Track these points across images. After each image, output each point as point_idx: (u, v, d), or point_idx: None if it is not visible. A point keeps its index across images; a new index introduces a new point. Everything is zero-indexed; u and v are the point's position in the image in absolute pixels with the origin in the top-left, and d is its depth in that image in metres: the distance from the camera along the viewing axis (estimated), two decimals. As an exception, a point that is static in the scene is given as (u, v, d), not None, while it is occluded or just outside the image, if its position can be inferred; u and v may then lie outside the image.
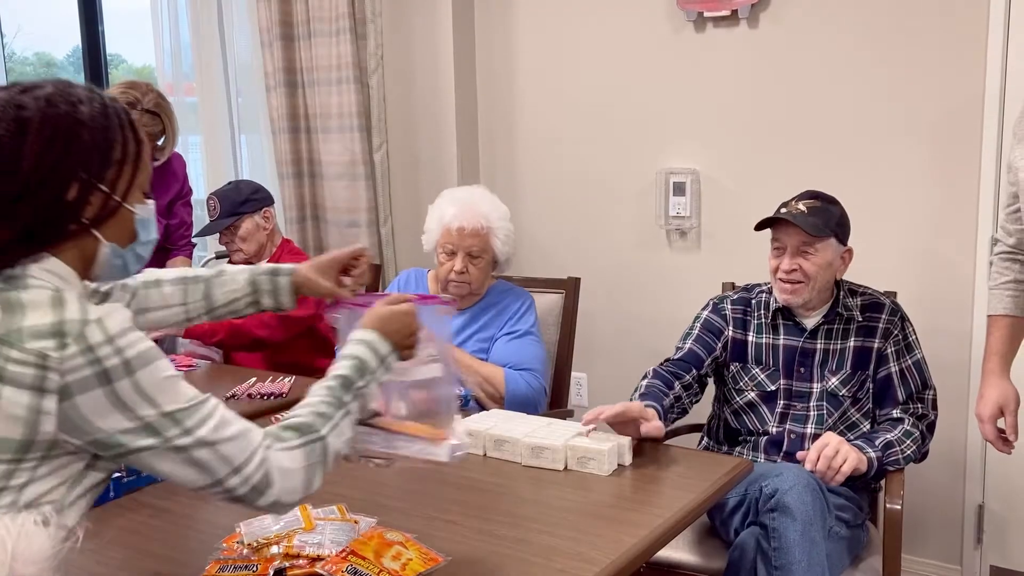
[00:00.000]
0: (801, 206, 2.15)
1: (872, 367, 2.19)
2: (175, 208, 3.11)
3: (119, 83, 2.90)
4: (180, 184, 3.11)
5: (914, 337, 2.23)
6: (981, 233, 2.61)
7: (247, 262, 2.97)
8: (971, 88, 2.58)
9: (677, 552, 2.10)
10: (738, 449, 2.25)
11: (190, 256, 3.17)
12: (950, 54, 2.60)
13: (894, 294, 2.38)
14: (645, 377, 2.22)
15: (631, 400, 2.11)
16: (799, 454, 1.99)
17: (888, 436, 2.10)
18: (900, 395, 2.18)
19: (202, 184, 3.71)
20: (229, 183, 3.08)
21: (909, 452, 2.10)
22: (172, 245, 3.12)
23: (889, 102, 2.71)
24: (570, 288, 2.76)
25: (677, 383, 2.20)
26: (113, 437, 1.07)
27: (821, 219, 2.14)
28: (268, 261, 2.97)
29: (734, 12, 2.87)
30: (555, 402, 2.69)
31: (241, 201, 2.93)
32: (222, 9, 3.67)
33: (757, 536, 1.89)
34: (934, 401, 2.22)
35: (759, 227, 2.19)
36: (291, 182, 3.49)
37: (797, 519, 1.81)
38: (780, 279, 2.19)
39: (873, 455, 2.03)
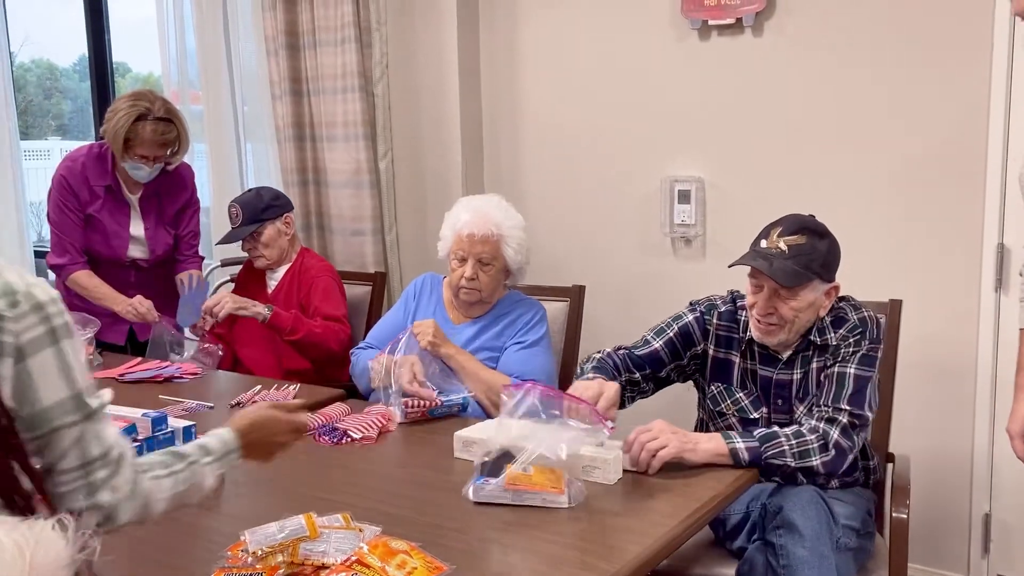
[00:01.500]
0: (782, 244, 1.97)
1: None
2: (183, 217, 3.10)
3: (124, 96, 2.90)
4: (189, 193, 3.11)
5: (866, 353, 2.00)
6: (986, 242, 2.60)
7: (268, 267, 3.00)
8: (976, 96, 2.58)
9: (682, 561, 2.10)
10: None
11: (199, 267, 3.18)
12: (955, 63, 2.60)
13: (900, 303, 2.37)
14: (598, 353, 2.16)
15: (584, 371, 2.10)
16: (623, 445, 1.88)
17: (775, 429, 1.94)
18: (814, 397, 2.02)
19: (208, 192, 3.72)
20: (249, 190, 3.08)
21: (801, 450, 1.91)
22: (181, 256, 3.12)
23: (894, 110, 2.71)
24: (575, 296, 2.76)
25: (624, 375, 2.12)
26: (49, 411, 1.13)
27: (802, 262, 1.95)
28: (289, 267, 3.00)
29: (738, 20, 2.87)
30: (560, 410, 2.68)
31: (263, 208, 2.95)
32: (228, 18, 3.69)
33: (765, 552, 1.87)
34: (853, 413, 1.96)
35: (733, 266, 2.03)
36: (296, 190, 3.50)
37: (804, 535, 1.79)
38: (756, 318, 2.04)
39: (739, 445, 1.88)
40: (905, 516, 2.00)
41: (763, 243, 2.02)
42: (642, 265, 3.18)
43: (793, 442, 1.92)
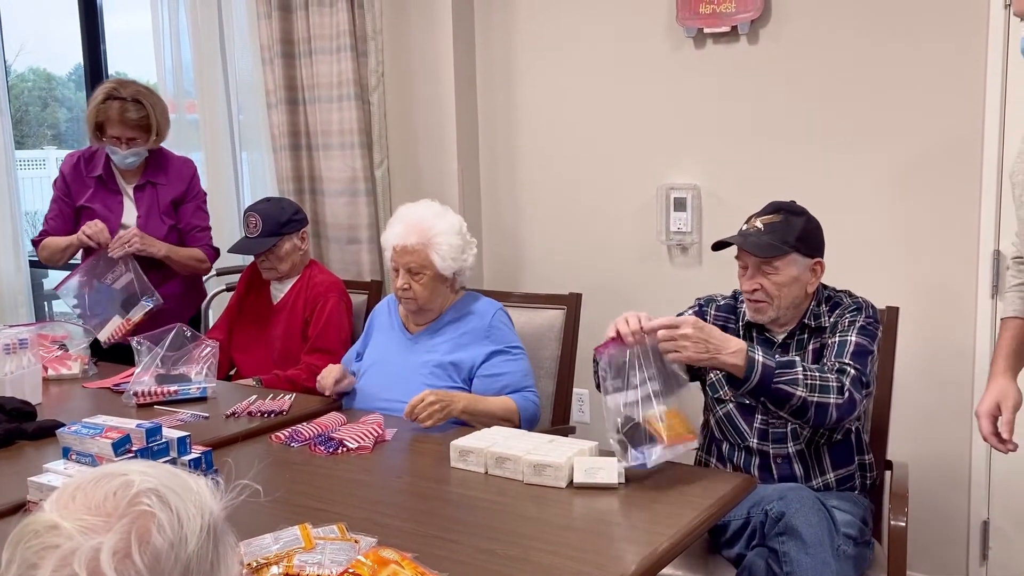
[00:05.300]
0: (759, 223, 2.11)
1: None
2: (183, 210, 3.10)
3: (108, 80, 3.00)
4: (186, 185, 3.12)
5: (863, 325, 2.08)
6: (983, 248, 2.61)
7: (277, 279, 2.98)
8: (972, 103, 2.58)
9: (680, 570, 2.09)
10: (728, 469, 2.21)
11: (209, 250, 3.18)
12: (951, 69, 2.60)
13: (896, 310, 2.37)
14: None
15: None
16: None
17: (795, 359, 1.98)
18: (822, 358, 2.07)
19: (204, 201, 3.71)
20: (268, 199, 3.02)
21: (815, 383, 1.92)
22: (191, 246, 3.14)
23: (890, 118, 2.71)
24: (571, 304, 2.75)
25: None
26: None
27: (778, 236, 2.07)
28: (297, 279, 2.97)
29: (734, 28, 2.88)
30: (557, 419, 2.68)
31: (284, 221, 2.89)
32: (223, 27, 3.68)
33: (766, 558, 1.87)
34: (858, 369, 2.01)
35: (715, 247, 2.16)
36: (292, 199, 3.48)
37: (807, 542, 1.79)
38: (745, 297, 2.16)
39: (758, 356, 1.90)
40: (904, 524, 2.00)
41: (744, 227, 2.15)
42: (638, 273, 3.18)
43: (813, 374, 1.94)
